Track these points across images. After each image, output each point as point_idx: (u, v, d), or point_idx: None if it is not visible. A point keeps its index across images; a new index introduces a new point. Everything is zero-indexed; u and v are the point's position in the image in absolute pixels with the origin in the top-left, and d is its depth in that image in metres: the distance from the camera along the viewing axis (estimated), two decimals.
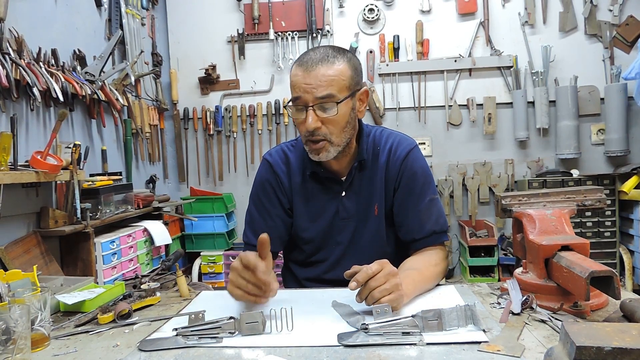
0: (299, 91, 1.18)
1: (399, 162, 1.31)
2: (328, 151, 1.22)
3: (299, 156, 1.37)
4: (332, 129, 1.20)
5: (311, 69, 1.17)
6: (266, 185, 1.37)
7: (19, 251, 1.80)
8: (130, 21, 2.88)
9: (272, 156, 1.40)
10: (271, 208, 1.36)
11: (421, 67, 3.33)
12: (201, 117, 3.51)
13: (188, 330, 0.92)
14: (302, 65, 1.19)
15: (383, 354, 0.83)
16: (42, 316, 0.93)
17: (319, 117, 1.18)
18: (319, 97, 1.17)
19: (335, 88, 1.17)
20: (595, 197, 1.17)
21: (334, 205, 1.34)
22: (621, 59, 3.16)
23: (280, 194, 1.36)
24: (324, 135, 1.20)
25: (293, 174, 1.36)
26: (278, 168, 1.37)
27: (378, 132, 1.37)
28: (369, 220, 1.34)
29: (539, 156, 3.30)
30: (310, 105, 1.17)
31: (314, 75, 1.17)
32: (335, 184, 1.34)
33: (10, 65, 1.83)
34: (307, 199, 1.36)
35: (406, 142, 1.35)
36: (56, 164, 1.86)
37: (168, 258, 1.56)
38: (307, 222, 1.36)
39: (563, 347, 0.69)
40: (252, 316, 0.91)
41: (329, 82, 1.17)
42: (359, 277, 0.98)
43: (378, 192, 1.32)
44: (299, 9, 3.39)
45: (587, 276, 0.87)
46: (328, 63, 1.18)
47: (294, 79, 1.20)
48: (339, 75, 1.18)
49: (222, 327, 0.92)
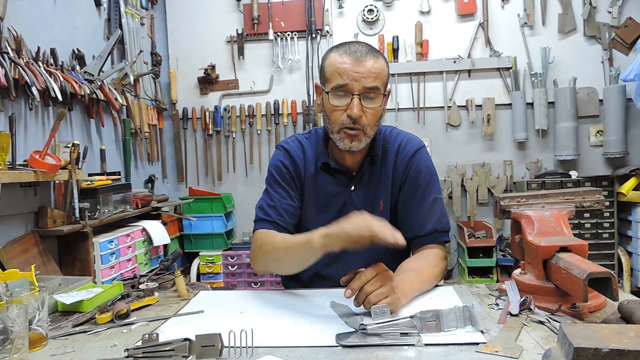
0: (347, 78, 1.20)
1: (407, 160, 1.34)
2: (360, 141, 1.24)
3: (312, 147, 1.40)
4: (370, 120, 1.23)
5: (361, 59, 1.20)
6: (283, 169, 1.37)
7: (17, 251, 1.79)
8: (129, 21, 2.88)
9: (289, 144, 1.42)
10: (289, 189, 1.37)
11: (420, 68, 3.33)
12: (200, 117, 3.51)
13: (139, 351, 0.86)
14: (351, 55, 1.21)
15: (381, 355, 0.83)
16: (40, 316, 0.93)
17: (362, 107, 1.21)
18: (367, 87, 1.20)
19: (380, 81, 1.22)
20: (593, 198, 1.17)
21: (342, 198, 1.36)
22: (620, 61, 3.16)
23: (297, 179, 1.38)
24: (362, 125, 1.22)
25: (308, 163, 1.39)
26: (295, 155, 1.39)
27: (388, 131, 1.40)
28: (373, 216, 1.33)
29: (538, 157, 3.30)
30: (357, 95, 1.20)
31: (364, 66, 1.20)
32: (345, 177, 1.36)
33: (9, 65, 1.82)
34: (316, 190, 1.37)
35: (414, 142, 1.38)
36: (55, 164, 1.86)
37: (166, 258, 1.56)
38: (313, 213, 1.37)
39: (561, 349, 0.70)
40: (208, 339, 0.85)
41: (377, 74, 1.21)
42: (353, 285, 1.00)
43: (385, 188, 1.35)
44: (298, 10, 3.39)
45: (585, 277, 0.87)
46: (375, 57, 1.22)
47: (342, 66, 1.21)
48: (383, 71, 1.23)
49: (175, 350, 0.86)
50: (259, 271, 1.32)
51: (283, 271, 1.33)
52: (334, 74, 1.22)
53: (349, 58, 1.21)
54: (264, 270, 1.31)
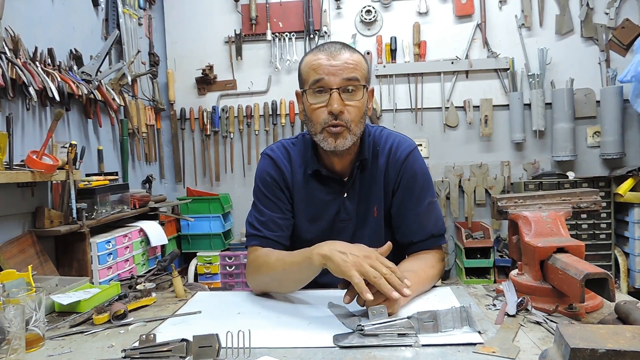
0: (322, 73, 1.16)
1: (399, 164, 1.29)
2: (346, 138, 1.19)
3: (300, 154, 1.34)
4: (353, 115, 1.18)
5: (336, 52, 1.18)
6: (270, 181, 1.32)
7: (14, 251, 1.79)
8: (127, 21, 2.88)
9: (274, 152, 1.36)
10: (278, 202, 1.31)
11: (418, 69, 3.33)
12: (198, 117, 3.50)
13: (137, 352, 0.86)
14: (325, 51, 1.19)
15: (378, 355, 0.83)
16: (37, 316, 0.92)
17: (343, 102, 1.17)
18: (345, 79, 1.16)
19: (359, 73, 1.18)
20: (590, 199, 1.18)
21: (335, 206, 1.32)
22: (617, 62, 3.17)
23: (285, 189, 1.33)
24: (345, 122, 1.18)
25: (295, 171, 1.33)
26: (281, 163, 1.33)
27: (377, 132, 1.35)
28: (367, 222, 1.32)
29: (535, 158, 3.31)
30: (336, 88, 1.16)
31: (340, 59, 1.17)
32: (337, 184, 1.31)
33: (7, 65, 1.82)
34: (307, 199, 1.32)
35: (406, 144, 1.33)
36: (52, 164, 1.86)
37: (164, 258, 1.56)
38: (306, 222, 1.33)
39: (557, 349, 0.70)
40: (205, 339, 0.85)
41: (354, 66, 1.17)
42: (351, 292, 0.99)
43: (377, 194, 1.31)
44: (296, 10, 3.39)
45: (582, 278, 0.87)
46: (350, 51, 1.20)
47: (316, 62, 1.18)
48: (360, 64, 1.20)
49: (172, 350, 0.85)
50: (257, 292, 1.25)
51: (282, 290, 1.23)
52: (309, 72, 1.19)
53: (323, 54, 1.18)
54: (262, 290, 1.24)
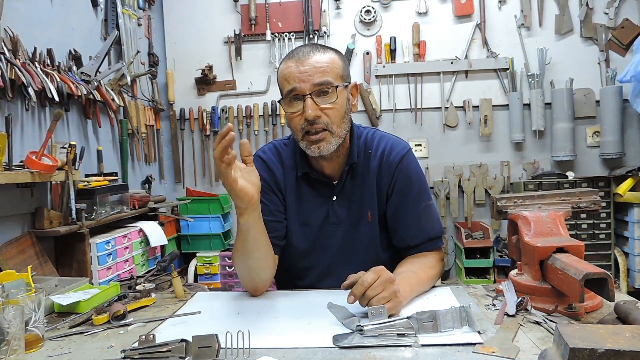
0: (293, 82, 1.15)
1: (392, 168, 1.27)
2: (329, 142, 1.18)
3: (291, 155, 1.33)
4: (332, 117, 1.17)
5: (304, 58, 1.16)
6: (263, 183, 1.29)
7: (13, 252, 1.79)
8: (126, 21, 2.88)
9: (266, 153, 1.35)
10: (271, 205, 1.29)
11: (418, 69, 3.33)
12: (197, 117, 3.50)
13: (136, 352, 0.86)
14: (293, 58, 1.18)
15: (378, 356, 0.83)
16: (36, 317, 0.92)
17: (318, 106, 1.16)
18: (316, 84, 1.14)
19: (331, 75, 1.16)
20: (590, 199, 1.18)
21: (324, 209, 1.30)
22: (616, 62, 3.17)
23: (277, 191, 1.31)
24: (325, 124, 1.16)
25: (287, 173, 1.32)
26: (273, 165, 1.32)
27: (370, 135, 1.32)
28: (361, 227, 1.30)
29: (535, 158, 3.31)
30: (308, 94, 1.15)
31: (308, 64, 1.15)
32: (326, 187, 1.30)
33: (6, 65, 1.82)
34: (298, 201, 1.31)
35: (399, 147, 1.30)
36: (51, 164, 1.86)
37: (164, 259, 1.56)
38: (296, 224, 1.32)
39: (557, 349, 0.70)
40: (205, 340, 0.85)
41: (325, 68, 1.16)
42: (355, 291, 0.98)
43: (370, 198, 1.29)
44: (295, 10, 3.39)
45: (582, 278, 0.87)
46: (320, 52, 1.18)
47: (286, 71, 1.17)
48: (333, 63, 1.18)
49: (172, 351, 0.85)
50: (248, 289, 1.23)
51: (250, 268, 1.19)
52: (283, 82, 1.19)
53: (292, 61, 1.17)
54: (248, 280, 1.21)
